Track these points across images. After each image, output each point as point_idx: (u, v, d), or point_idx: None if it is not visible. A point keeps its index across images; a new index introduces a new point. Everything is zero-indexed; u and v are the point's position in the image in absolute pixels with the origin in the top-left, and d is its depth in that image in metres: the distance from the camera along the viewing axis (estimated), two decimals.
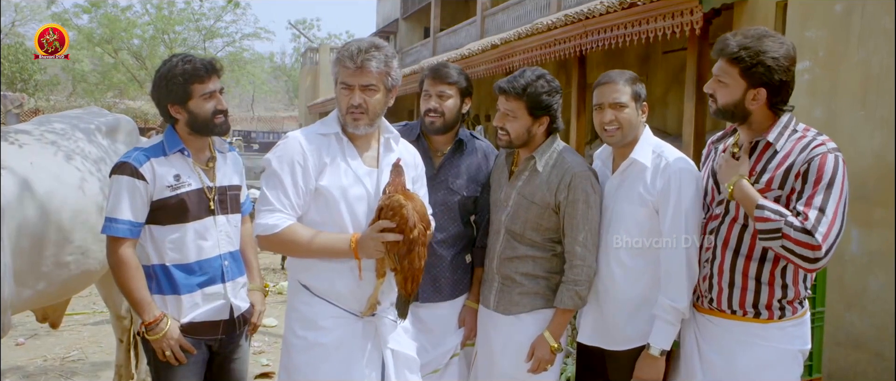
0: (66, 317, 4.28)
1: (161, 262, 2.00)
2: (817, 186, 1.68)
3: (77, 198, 2.52)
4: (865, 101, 3.26)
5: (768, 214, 1.69)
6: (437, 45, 18.88)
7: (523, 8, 13.42)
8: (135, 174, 1.93)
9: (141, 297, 1.94)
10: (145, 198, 1.95)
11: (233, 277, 2.11)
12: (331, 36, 36.15)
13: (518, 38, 7.74)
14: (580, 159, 2.14)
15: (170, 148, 2.01)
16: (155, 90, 2.02)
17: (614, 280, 2.06)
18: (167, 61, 2.02)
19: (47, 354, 4.21)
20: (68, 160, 2.61)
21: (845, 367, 3.33)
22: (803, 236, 1.64)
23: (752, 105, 1.77)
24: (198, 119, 2.00)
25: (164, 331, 1.94)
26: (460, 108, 2.31)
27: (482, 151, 2.37)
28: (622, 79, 2.03)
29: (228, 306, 2.09)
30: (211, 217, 2.05)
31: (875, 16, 3.24)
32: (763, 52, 1.72)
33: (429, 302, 2.29)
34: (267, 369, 3.96)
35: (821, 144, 1.72)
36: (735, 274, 1.84)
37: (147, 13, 22.17)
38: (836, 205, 1.67)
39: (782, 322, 1.84)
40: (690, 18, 4.63)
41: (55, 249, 2.43)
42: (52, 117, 2.98)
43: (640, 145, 2.03)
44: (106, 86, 24.02)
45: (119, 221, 1.92)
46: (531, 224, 2.10)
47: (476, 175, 2.32)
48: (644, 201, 1.99)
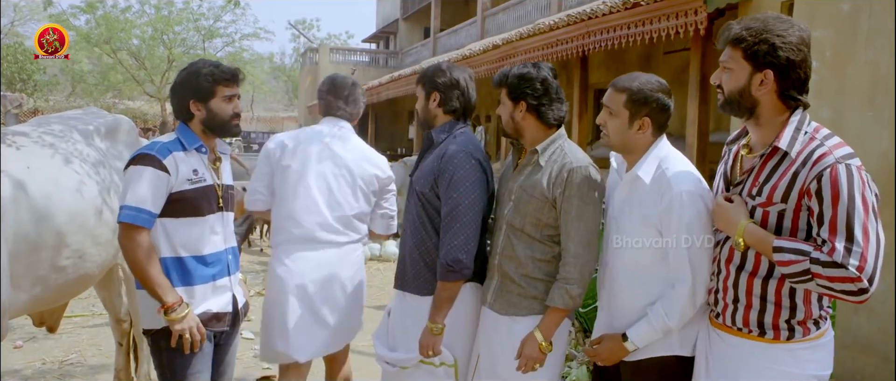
0: (65, 320, 4.24)
1: (174, 254, 2.07)
2: (837, 206, 1.50)
3: (75, 201, 2.48)
4: (873, 101, 3.23)
5: (788, 256, 1.53)
6: (437, 46, 18.84)
7: (524, 8, 13.41)
8: (159, 166, 2.00)
9: (161, 281, 2.00)
10: (165, 191, 2.02)
11: (234, 270, 2.25)
12: (330, 36, 36.22)
13: (520, 38, 7.72)
14: (582, 154, 2.08)
15: (189, 144, 2.10)
16: (179, 85, 2.12)
17: (620, 291, 2.00)
18: (196, 63, 2.15)
19: (46, 357, 4.17)
20: (66, 163, 2.57)
21: (853, 370, 3.30)
22: (835, 271, 1.47)
23: (759, 91, 1.61)
24: (216, 118, 2.11)
25: (185, 312, 2.01)
26: (426, 104, 2.31)
27: (442, 150, 2.22)
28: (621, 85, 1.93)
29: (233, 297, 2.22)
30: (220, 213, 2.17)
31: (883, 16, 3.21)
32: (767, 30, 1.59)
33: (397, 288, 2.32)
34: (267, 372, 3.91)
35: (827, 153, 1.53)
36: (739, 291, 1.72)
37: (145, 14, 22.14)
38: (864, 222, 1.48)
39: (791, 344, 1.67)
40: (694, 18, 4.60)
41: (52, 253, 2.40)
42: (51, 118, 2.94)
43: (645, 160, 1.91)
44: (105, 86, 24.02)
45: (142, 210, 1.97)
46: (530, 219, 2.06)
47: (428, 172, 2.22)
48: (646, 220, 1.89)
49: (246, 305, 2.35)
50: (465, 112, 2.32)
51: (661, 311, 1.86)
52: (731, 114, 1.75)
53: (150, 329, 2.11)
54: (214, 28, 22.49)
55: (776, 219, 1.62)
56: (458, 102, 2.28)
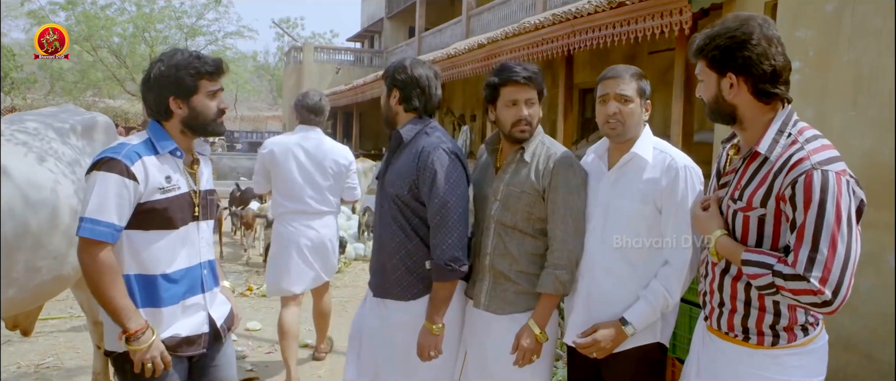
0: (42, 322, 4.16)
1: (140, 271, 1.84)
2: (806, 213, 1.46)
3: (49, 201, 2.41)
4: (856, 101, 3.25)
5: (754, 270, 1.52)
6: (422, 45, 18.82)
7: (509, 7, 13.42)
8: (126, 173, 1.76)
9: (124, 304, 1.77)
10: (133, 200, 1.79)
11: (210, 287, 2.01)
12: (315, 35, 36.06)
13: (505, 37, 7.71)
14: (562, 146, 2.16)
15: (161, 147, 1.87)
16: (157, 81, 1.87)
17: (604, 281, 2.02)
18: (173, 54, 1.90)
19: (21, 360, 4.07)
20: (40, 162, 2.49)
21: (836, 369, 3.32)
22: (797, 284, 1.44)
23: (732, 95, 1.60)
24: (199, 117, 1.89)
25: (149, 342, 1.79)
26: (387, 101, 2.27)
27: (415, 149, 2.17)
28: (628, 73, 2.00)
29: (208, 318, 1.99)
30: (194, 223, 1.95)
31: (866, 16, 3.23)
32: (718, 35, 1.58)
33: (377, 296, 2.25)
34: (251, 374, 3.86)
35: (804, 158, 1.49)
36: (723, 294, 1.70)
37: (126, 11, 21.83)
38: (834, 231, 1.43)
39: (776, 350, 1.64)
40: (679, 18, 4.61)
41: (27, 254, 2.33)
42: (25, 116, 2.86)
43: (642, 141, 2.01)
44: (85, 84, 23.68)
45: (102, 223, 1.74)
46: (522, 214, 2.08)
47: (404, 173, 2.17)
48: (645, 197, 1.95)
49: (231, 317, 2.10)
50: (426, 110, 2.25)
51: (662, 289, 1.90)
52: (718, 122, 1.75)
53: (112, 352, 1.89)
54: (197, 26, 22.24)
55: (757, 224, 1.60)
56: (418, 99, 2.22)
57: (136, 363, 1.81)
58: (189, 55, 1.89)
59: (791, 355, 1.64)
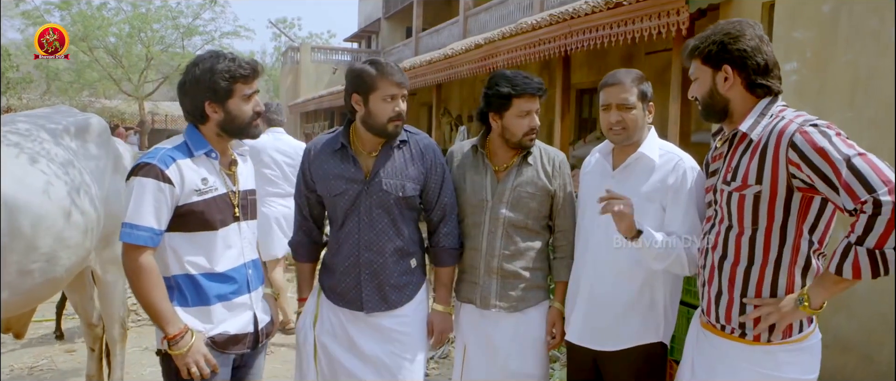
0: (35, 324, 4.14)
1: (184, 271, 1.87)
2: (827, 156, 1.48)
3: (42, 203, 2.38)
4: (853, 101, 3.25)
5: (850, 266, 1.50)
6: (419, 45, 18.80)
7: (506, 8, 13.41)
8: (161, 177, 1.79)
9: (164, 308, 1.80)
10: (170, 204, 1.81)
11: (256, 286, 2.03)
12: (312, 35, 35.97)
13: (502, 37, 7.69)
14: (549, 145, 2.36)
15: (196, 149, 1.89)
16: (193, 85, 1.88)
17: (605, 280, 2.04)
18: (207, 57, 1.90)
19: (15, 363, 4.05)
20: (32, 163, 2.47)
21: (833, 370, 3.31)
22: (881, 222, 1.41)
23: (726, 88, 1.68)
24: (235, 120, 1.90)
25: (189, 344, 1.80)
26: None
27: (416, 149, 2.19)
28: (629, 78, 2.04)
29: (253, 317, 2.01)
30: (236, 224, 1.96)
31: (863, 16, 3.23)
32: (715, 33, 1.70)
33: (377, 311, 2.18)
34: None
35: (788, 123, 1.55)
36: (722, 283, 1.72)
37: (122, 11, 21.73)
38: (859, 153, 1.47)
39: (771, 346, 1.65)
40: (677, 19, 4.60)
41: (19, 256, 2.30)
42: (17, 117, 2.83)
43: (648, 142, 2.06)
44: (81, 84, 23.57)
45: (141, 227, 1.77)
46: (533, 213, 2.21)
47: (413, 175, 2.16)
48: (651, 196, 1.99)
49: (271, 322, 2.10)
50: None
51: (682, 249, 1.89)
52: (711, 120, 1.80)
53: (160, 351, 1.89)
54: (193, 26, 22.10)
55: (752, 203, 1.62)
56: None
57: (180, 368, 1.82)
58: (225, 58, 1.89)
59: (786, 351, 1.66)
